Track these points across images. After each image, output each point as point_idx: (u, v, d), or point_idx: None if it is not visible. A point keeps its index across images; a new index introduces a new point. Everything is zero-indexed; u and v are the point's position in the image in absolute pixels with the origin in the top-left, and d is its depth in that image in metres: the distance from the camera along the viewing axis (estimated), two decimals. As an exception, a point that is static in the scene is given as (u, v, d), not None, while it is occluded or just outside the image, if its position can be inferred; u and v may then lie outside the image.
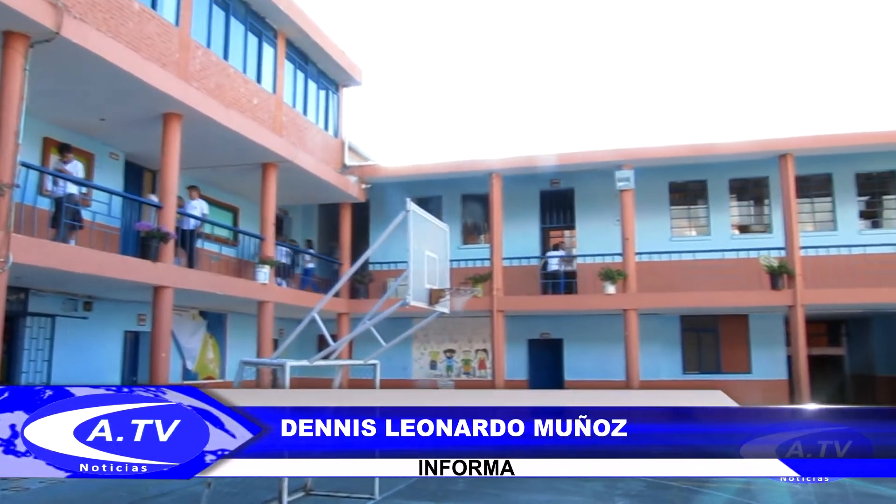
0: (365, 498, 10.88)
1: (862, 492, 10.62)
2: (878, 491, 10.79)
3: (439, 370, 20.82)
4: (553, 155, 18.83)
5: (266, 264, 15.55)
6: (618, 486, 12.27)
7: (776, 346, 19.09)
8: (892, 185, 18.97)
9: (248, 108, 15.54)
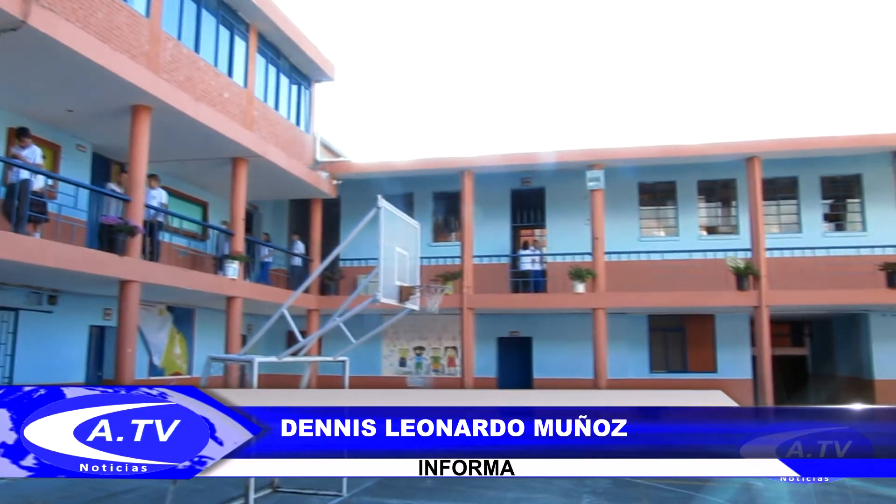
0: (332, 495, 10.85)
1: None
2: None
3: (409, 367, 20.82)
4: (525, 154, 18.92)
5: (235, 259, 15.42)
6: (585, 483, 12.37)
7: (741, 345, 19.37)
8: (856, 189, 19.34)
9: (218, 101, 15.40)
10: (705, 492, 11.42)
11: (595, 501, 10.98)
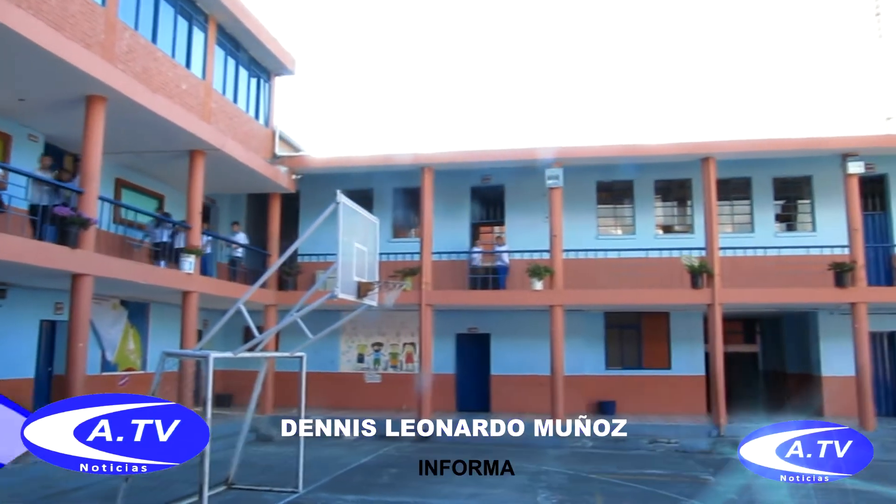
0: (288, 491, 10.82)
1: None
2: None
3: (367, 363, 20.76)
4: (485, 151, 18.98)
5: (191, 253, 15.21)
6: (541, 479, 12.52)
7: (695, 343, 19.71)
8: (806, 190, 19.78)
9: (175, 93, 15.18)
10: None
11: (551, 496, 11.10)
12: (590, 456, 15.29)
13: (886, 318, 18.36)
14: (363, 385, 20.60)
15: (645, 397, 19.37)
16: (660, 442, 16.39)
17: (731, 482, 12.43)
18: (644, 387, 19.53)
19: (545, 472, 13.15)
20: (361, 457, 14.75)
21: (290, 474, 11.22)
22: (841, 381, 17.84)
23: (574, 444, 16.51)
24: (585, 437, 16.57)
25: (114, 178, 16.26)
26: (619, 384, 19.58)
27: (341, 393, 20.25)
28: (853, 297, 16.86)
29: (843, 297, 16.98)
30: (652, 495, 11.26)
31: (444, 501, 10.61)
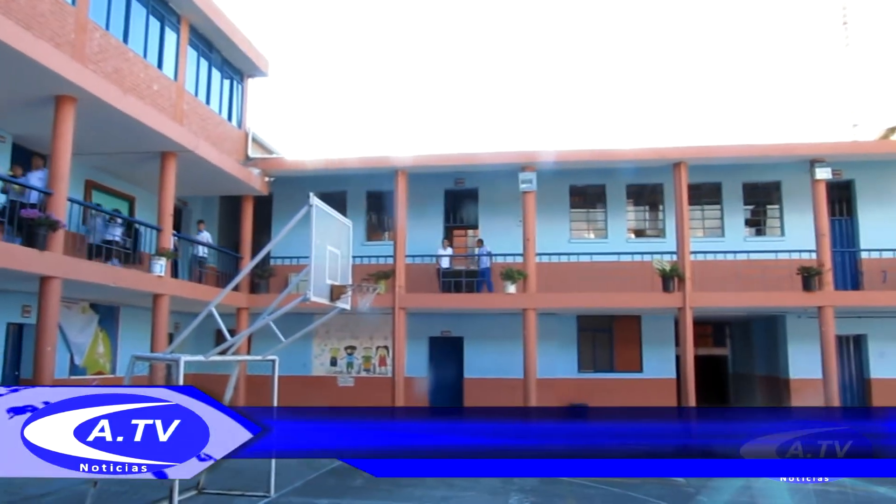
0: (260, 496, 10.75)
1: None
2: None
3: (340, 367, 20.69)
4: (459, 154, 19.03)
5: (162, 256, 15.06)
6: (513, 481, 12.56)
7: (666, 346, 19.90)
8: (775, 196, 20.07)
9: (147, 94, 15.03)
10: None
11: (523, 499, 11.15)
12: (562, 458, 15.33)
13: (852, 322, 18.67)
14: (336, 388, 20.53)
15: (617, 400, 19.49)
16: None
17: (700, 483, 12.58)
18: (616, 389, 19.67)
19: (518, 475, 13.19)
20: (334, 460, 14.69)
21: (261, 478, 11.15)
22: (808, 383, 18.11)
23: (546, 447, 16.59)
24: (558, 440, 16.77)
25: (84, 179, 16.06)
26: (592, 387, 19.70)
27: (314, 396, 20.14)
28: (820, 301, 17.14)
29: (811, 300, 17.25)
30: (622, 497, 11.37)
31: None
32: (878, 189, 19.29)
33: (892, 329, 18.83)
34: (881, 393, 18.65)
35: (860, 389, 19.18)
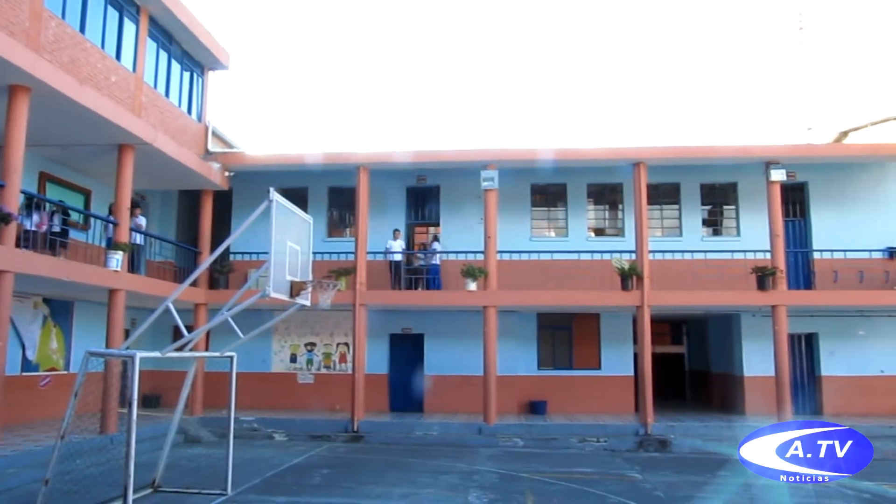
0: (217, 493, 10.65)
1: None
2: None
3: (300, 364, 20.54)
4: (421, 152, 19.01)
5: (119, 250, 14.80)
6: (473, 478, 12.62)
7: (624, 344, 20.12)
8: (732, 196, 20.43)
9: (104, 85, 14.77)
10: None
11: (482, 495, 11.19)
12: (521, 455, 15.47)
13: (804, 321, 19.10)
14: (296, 385, 20.39)
15: (575, 397, 19.70)
16: (589, 441, 16.70)
17: (657, 479, 12.77)
18: (575, 387, 19.86)
19: (477, 472, 13.26)
20: (293, 457, 14.61)
21: (218, 476, 11.04)
22: (761, 380, 18.47)
23: (506, 444, 16.71)
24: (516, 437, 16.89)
25: (38, 171, 15.72)
26: (551, 384, 19.86)
27: (273, 393, 20.02)
28: (774, 300, 17.50)
29: (765, 299, 17.61)
30: (581, 493, 11.47)
31: (376, 502, 10.59)
32: (831, 191, 19.76)
33: (842, 328, 19.31)
34: (831, 390, 19.13)
35: (811, 386, 19.63)
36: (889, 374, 18.95)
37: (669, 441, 16.63)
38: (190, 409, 17.33)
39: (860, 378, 18.94)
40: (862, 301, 18.10)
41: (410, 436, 17.20)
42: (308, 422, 17.90)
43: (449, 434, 17.22)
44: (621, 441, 16.71)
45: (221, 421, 15.77)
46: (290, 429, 17.56)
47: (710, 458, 15.44)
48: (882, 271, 19.00)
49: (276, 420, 17.91)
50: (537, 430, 17.30)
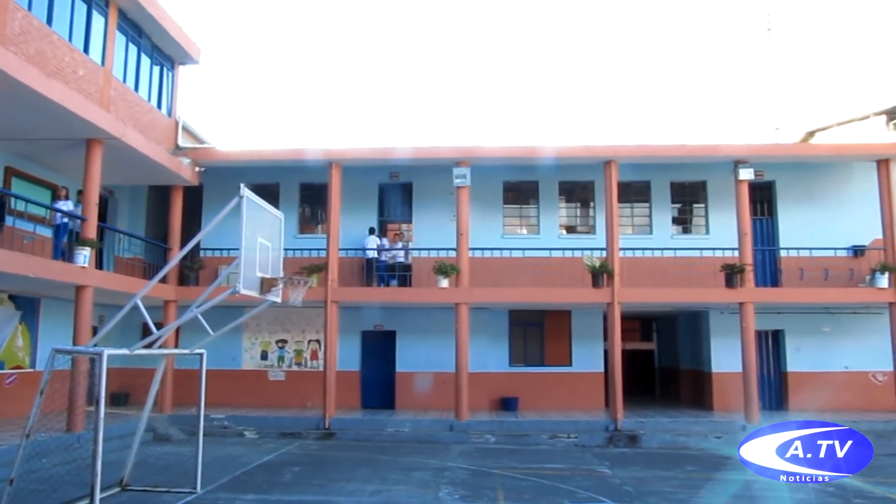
0: (186, 492, 10.57)
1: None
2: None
3: (271, 361, 20.43)
4: (394, 148, 18.97)
5: (86, 246, 14.59)
6: (444, 474, 12.66)
7: (595, 340, 20.28)
8: (701, 195, 20.65)
9: (72, 78, 14.54)
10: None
11: (453, 491, 11.23)
12: (492, 451, 15.54)
13: (771, 318, 19.40)
14: (267, 383, 20.29)
15: (547, 393, 19.82)
16: (560, 437, 16.82)
17: (626, 475, 12.91)
18: (546, 383, 19.97)
19: (449, 468, 13.30)
20: (263, 455, 14.54)
21: (188, 474, 10.96)
22: (729, 376, 18.73)
23: (477, 440, 16.77)
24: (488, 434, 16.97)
25: (3, 166, 15.46)
26: (522, 381, 19.95)
27: (244, 391, 19.89)
28: (742, 297, 17.74)
29: (733, 297, 17.85)
30: (551, 489, 11.56)
31: (348, 499, 10.57)
32: (798, 190, 20.06)
33: (807, 324, 19.64)
34: (796, 385, 19.45)
35: (777, 382, 19.95)
36: (853, 370, 19.31)
37: (639, 436, 16.79)
38: (159, 406, 17.16)
39: (825, 374, 19.27)
40: (827, 298, 18.42)
41: (382, 433, 17.19)
42: (279, 419, 17.83)
43: (420, 431, 17.25)
44: (592, 437, 16.85)
45: (191, 419, 15.65)
46: (261, 426, 17.47)
47: (678, 454, 15.65)
48: (846, 269, 19.33)
49: (247, 417, 17.81)
50: (508, 426, 17.39)
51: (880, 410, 17.91)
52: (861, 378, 19.25)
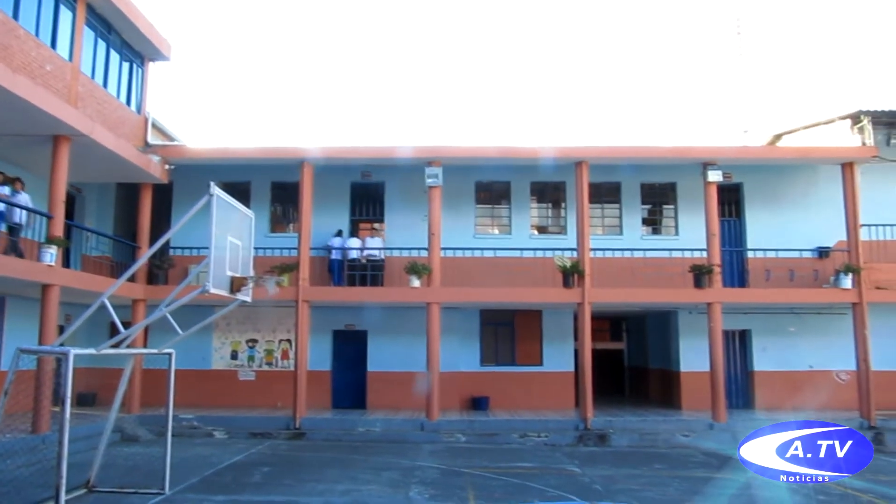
0: (154, 493, 10.48)
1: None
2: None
3: (241, 360, 20.29)
4: (365, 148, 18.94)
5: (53, 244, 14.38)
6: (415, 474, 12.68)
7: (565, 340, 20.42)
8: (671, 196, 20.89)
9: (39, 74, 14.32)
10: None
11: (423, 490, 11.25)
12: (463, 451, 15.59)
13: (739, 318, 19.69)
14: (237, 382, 20.15)
15: (517, 393, 19.91)
16: (530, 436, 16.91)
17: (595, 473, 13.02)
18: (517, 383, 20.07)
19: (419, 468, 13.32)
20: (233, 455, 14.45)
21: (156, 475, 10.86)
22: (697, 376, 18.98)
23: (448, 440, 16.81)
24: (458, 433, 17.01)
25: (-33, 162, 15.19)
26: (493, 380, 20.03)
27: (214, 391, 19.74)
28: (710, 298, 17.97)
29: (701, 297, 18.07)
30: (521, 487, 11.63)
31: (318, 499, 10.55)
32: (765, 192, 20.37)
33: (773, 324, 19.94)
34: (763, 384, 19.77)
35: (744, 381, 20.25)
36: (817, 369, 19.65)
37: (608, 435, 16.95)
38: (127, 407, 16.97)
39: (790, 373, 19.60)
40: (792, 299, 18.73)
41: (353, 432, 17.16)
42: (249, 419, 17.73)
43: (391, 430, 17.25)
44: (562, 436, 16.97)
45: (159, 419, 15.49)
46: (231, 426, 17.35)
47: (647, 452, 15.83)
48: (811, 270, 19.66)
49: (217, 418, 17.67)
50: (479, 425, 17.44)
51: (843, 409, 18.24)
52: (825, 377, 19.60)
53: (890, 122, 19.02)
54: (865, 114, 18.54)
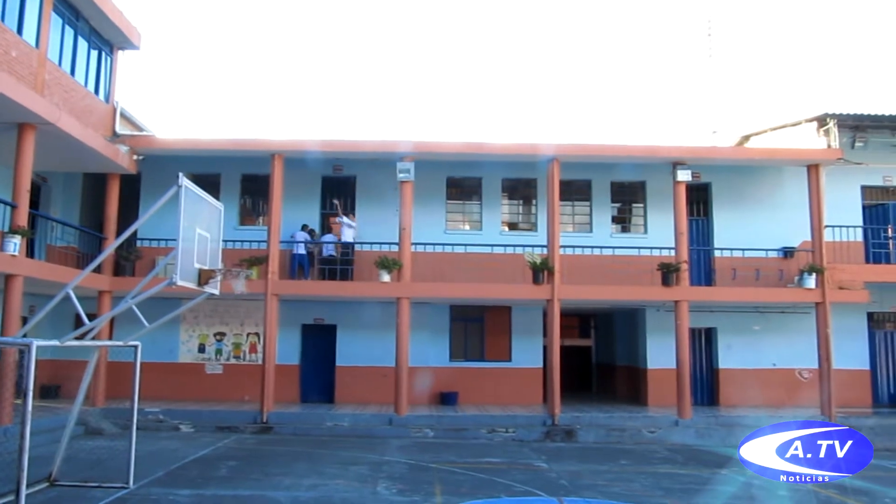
0: (118, 487, 10.36)
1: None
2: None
3: (208, 354, 20.11)
4: (337, 141, 18.86)
5: (17, 234, 14.13)
6: (382, 469, 12.69)
7: (534, 336, 20.52)
8: (640, 195, 21.08)
9: (3, 60, 14.04)
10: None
11: (391, 485, 11.26)
12: (431, 446, 15.62)
13: (704, 316, 19.93)
14: (204, 376, 19.97)
15: (486, 388, 19.99)
16: (498, 431, 17.00)
17: (562, 468, 13.13)
18: (485, 378, 20.15)
19: (387, 463, 13.33)
20: (199, 449, 14.34)
21: (120, 469, 10.73)
22: (663, 372, 19.20)
23: (416, 435, 16.84)
24: (427, 428, 17.05)
25: (-72, 149, 14.86)
26: (462, 376, 20.09)
27: (180, 384, 19.54)
28: (677, 296, 18.18)
29: (669, 295, 18.27)
30: (488, 482, 11.69)
31: (284, 493, 10.51)
32: (732, 192, 20.63)
33: (738, 323, 20.23)
34: (727, 382, 20.06)
35: (709, 379, 20.53)
36: (781, 367, 19.98)
37: (575, 431, 17.09)
38: (91, 399, 16.76)
39: (754, 371, 19.90)
40: (758, 298, 19.04)
41: (321, 427, 17.12)
42: (216, 413, 17.59)
43: (359, 425, 17.23)
44: (529, 431, 17.08)
45: (125, 412, 15.31)
46: (197, 420, 17.21)
47: (613, 448, 16.00)
48: (777, 270, 19.97)
49: (183, 411, 17.51)
50: (448, 420, 17.49)
51: (805, 406, 18.55)
52: (787, 375, 19.94)
53: (855, 125, 19.36)
54: (831, 117, 18.85)
